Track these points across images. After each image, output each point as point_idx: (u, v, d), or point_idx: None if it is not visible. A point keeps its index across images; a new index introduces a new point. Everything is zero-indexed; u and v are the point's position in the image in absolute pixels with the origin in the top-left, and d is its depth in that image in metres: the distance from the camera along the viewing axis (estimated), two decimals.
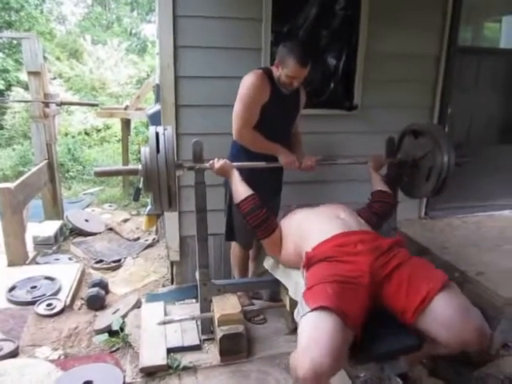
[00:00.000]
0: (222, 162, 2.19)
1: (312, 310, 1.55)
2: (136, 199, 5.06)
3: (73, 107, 9.76)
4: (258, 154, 2.37)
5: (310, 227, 2.07)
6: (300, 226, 2.13)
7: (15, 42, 10.57)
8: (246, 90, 2.29)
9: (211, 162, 2.19)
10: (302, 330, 1.55)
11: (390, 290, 1.70)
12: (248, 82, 2.30)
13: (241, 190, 2.14)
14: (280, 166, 2.45)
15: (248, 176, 2.22)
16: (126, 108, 6.36)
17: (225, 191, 2.55)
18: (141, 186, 3.43)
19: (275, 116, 2.37)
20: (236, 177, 2.19)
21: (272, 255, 2.34)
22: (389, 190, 2.35)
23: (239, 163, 2.30)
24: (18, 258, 3.59)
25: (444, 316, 1.57)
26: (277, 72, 2.30)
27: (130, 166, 2.28)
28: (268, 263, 2.45)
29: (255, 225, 2.12)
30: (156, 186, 1.97)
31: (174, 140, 2.08)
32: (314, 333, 1.49)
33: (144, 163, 1.96)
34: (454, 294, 1.64)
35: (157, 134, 1.99)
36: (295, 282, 2.09)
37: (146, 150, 1.98)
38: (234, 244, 2.70)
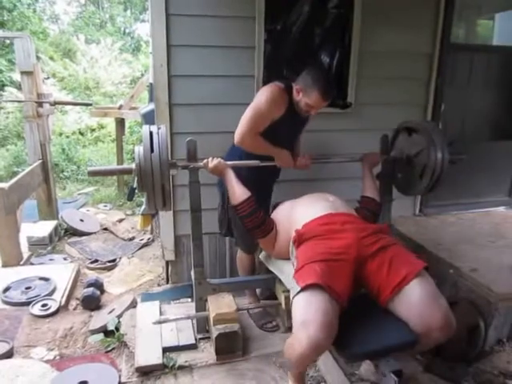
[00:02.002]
0: (216, 161, 2.18)
1: (302, 289, 1.64)
2: (130, 199, 5.05)
3: (67, 107, 9.71)
4: (258, 158, 2.35)
5: (299, 209, 2.16)
6: (290, 211, 2.20)
7: (8, 41, 10.50)
8: (262, 102, 2.23)
9: (205, 161, 2.19)
10: (296, 309, 1.66)
11: (373, 267, 1.79)
12: (268, 94, 2.25)
13: (238, 192, 2.15)
14: (278, 170, 2.49)
15: (246, 179, 2.22)
16: (120, 107, 6.34)
17: (218, 191, 2.54)
18: (135, 185, 3.42)
19: (284, 130, 2.35)
20: (231, 177, 2.19)
21: (267, 252, 2.37)
22: (377, 198, 2.38)
23: (233, 162, 2.29)
24: (12, 259, 3.57)
25: (417, 299, 1.66)
26: (296, 97, 2.26)
27: (124, 166, 2.27)
28: (263, 255, 2.48)
29: (252, 227, 2.16)
30: (150, 185, 1.97)
31: (167, 139, 2.07)
32: (307, 310, 1.59)
33: (138, 162, 1.96)
34: (428, 282, 1.73)
35: (151, 134, 1.99)
36: (288, 274, 2.09)
37: (139, 150, 1.98)
38: (239, 250, 2.70)
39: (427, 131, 2.39)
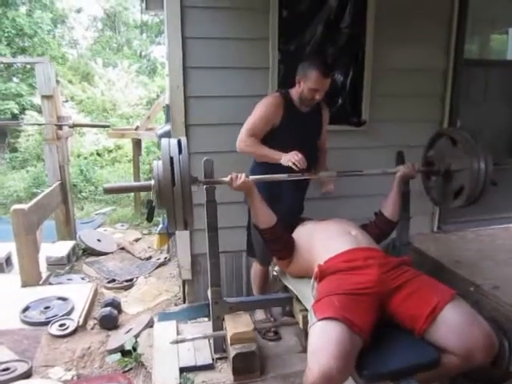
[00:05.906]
0: (241, 179, 2.06)
1: (319, 320, 1.62)
2: (150, 220, 5.04)
3: (85, 129, 9.94)
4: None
5: (322, 240, 2.10)
6: (311, 238, 2.16)
7: (28, 66, 10.86)
8: (258, 109, 2.36)
9: (229, 177, 2.09)
10: (311, 338, 1.62)
11: (399, 299, 1.76)
12: (263, 102, 2.38)
13: (263, 215, 2.14)
14: (304, 187, 2.52)
15: (271, 195, 2.23)
16: (137, 128, 6.46)
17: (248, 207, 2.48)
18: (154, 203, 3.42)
19: (291, 138, 2.32)
20: (257, 197, 2.13)
21: (281, 268, 2.41)
22: (395, 219, 2.33)
23: (257, 176, 2.24)
24: (31, 279, 3.62)
25: (453, 323, 1.63)
26: (298, 89, 2.31)
27: (142, 182, 2.25)
28: (278, 270, 2.49)
29: (275, 250, 2.22)
30: (170, 201, 1.86)
31: (188, 152, 1.94)
32: (321, 339, 1.56)
33: (156, 177, 1.85)
34: (462, 305, 1.71)
35: (169, 146, 1.88)
36: (304, 293, 2.10)
37: (158, 164, 1.87)
38: (254, 262, 2.71)
39: (475, 152, 2.21)
